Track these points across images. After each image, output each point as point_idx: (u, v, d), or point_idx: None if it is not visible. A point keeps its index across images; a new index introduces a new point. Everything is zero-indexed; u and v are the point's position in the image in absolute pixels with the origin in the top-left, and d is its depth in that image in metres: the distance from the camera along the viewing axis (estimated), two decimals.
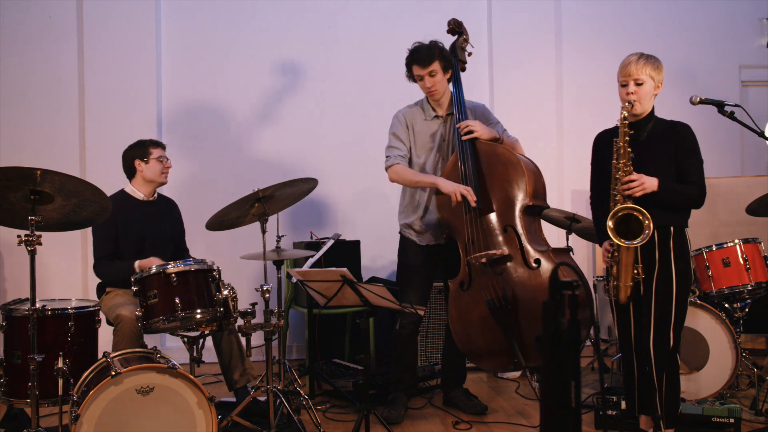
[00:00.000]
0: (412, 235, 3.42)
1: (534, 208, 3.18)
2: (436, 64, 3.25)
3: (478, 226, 3.14)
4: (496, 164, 3.19)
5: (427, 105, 3.40)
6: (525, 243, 3.08)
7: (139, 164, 3.44)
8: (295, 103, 5.02)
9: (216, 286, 2.95)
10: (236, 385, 3.35)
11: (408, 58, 3.31)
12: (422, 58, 3.24)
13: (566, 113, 5.19)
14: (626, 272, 2.62)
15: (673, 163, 2.67)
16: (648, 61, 2.66)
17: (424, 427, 3.26)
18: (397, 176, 3.33)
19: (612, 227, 2.55)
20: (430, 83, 3.28)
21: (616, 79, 2.73)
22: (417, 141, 3.38)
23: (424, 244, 3.41)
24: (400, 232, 3.51)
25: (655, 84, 2.68)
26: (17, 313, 2.87)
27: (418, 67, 3.27)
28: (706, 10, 5.37)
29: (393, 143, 3.38)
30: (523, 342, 3.03)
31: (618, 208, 2.57)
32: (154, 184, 3.50)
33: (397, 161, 3.32)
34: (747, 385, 3.65)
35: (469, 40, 3.45)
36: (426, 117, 3.38)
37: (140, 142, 3.51)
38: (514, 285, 3.07)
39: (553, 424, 1.41)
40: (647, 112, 2.71)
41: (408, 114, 3.40)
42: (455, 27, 3.44)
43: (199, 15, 4.94)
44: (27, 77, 4.66)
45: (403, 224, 3.47)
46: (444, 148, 3.38)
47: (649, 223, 2.49)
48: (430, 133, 3.38)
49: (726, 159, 5.21)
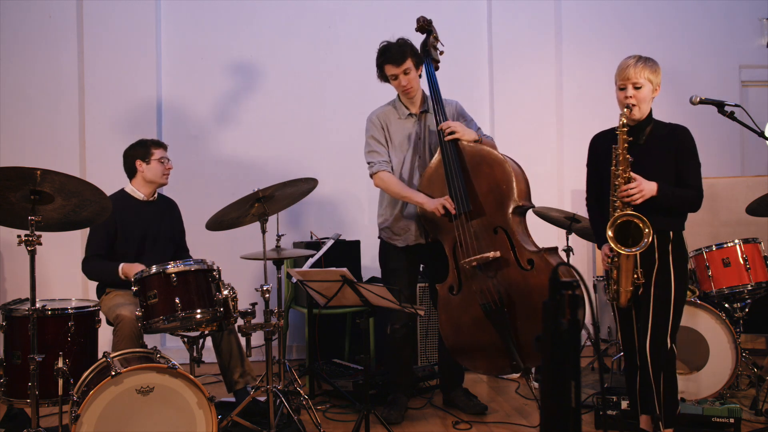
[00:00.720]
0: (391, 238, 3.40)
1: (522, 208, 3.17)
2: (409, 62, 3.23)
3: (467, 229, 3.12)
4: (481, 165, 3.17)
5: (399, 104, 3.38)
6: (517, 244, 3.06)
7: (140, 165, 3.44)
8: (295, 103, 5.02)
9: (216, 286, 2.94)
10: (236, 387, 3.34)
11: (379, 58, 3.27)
12: (395, 56, 3.21)
13: (566, 113, 5.19)
14: (626, 277, 2.63)
15: (672, 167, 2.67)
16: (646, 65, 2.66)
17: (424, 427, 3.26)
18: (384, 185, 3.30)
19: (612, 236, 2.55)
20: (405, 81, 3.25)
21: (614, 82, 2.73)
22: (393, 141, 3.35)
23: (404, 245, 3.38)
24: (379, 237, 3.49)
25: (653, 87, 2.68)
26: (17, 313, 2.87)
27: (391, 66, 3.24)
28: (706, 10, 5.37)
29: (374, 147, 3.33)
30: (521, 343, 3.03)
31: (617, 216, 2.57)
32: (154, 185, 3.50)
33: (383, 168, 3.29)
34: (747, 385, 3.65)
35: (439, 39, 3.40)
36: (400, 116, 3.36)
37: (142, 141, 3.50)
38: (509, 287, 3.05)
39: (553, 424, 1.41)
40: (645, 116, 2.70)
41: (381, 115, 3.38)
42: (425, 25, 3.37)
43: (199, 15, 4.94)
44: (27, 77, 4.65)
45: (383, 228, 3.44)
46: (420, 146, 3.36)
47: (649, 231, 2.49)
48: (405, 132, 3.36)
49: (726, 159, 5.20)
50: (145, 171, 3.44)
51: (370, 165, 3.33)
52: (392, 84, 3.32)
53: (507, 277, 3.06)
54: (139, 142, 3.51)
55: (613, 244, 2.54)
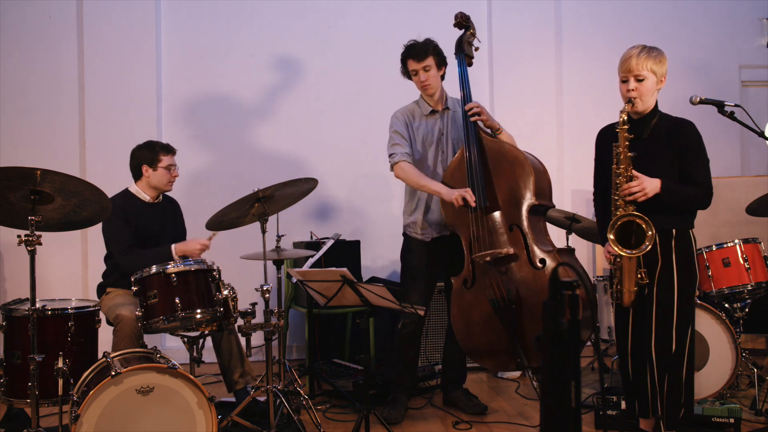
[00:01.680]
0: (416, 233, 3.43)
1: (539, 207, 3.18)
2: (431, 60, 3.34)
3: (483, 224, 3.15)
4: (502, 162, 3.20)
5: (422, 102, 3.46)
6: (530, 243, 3.08)
7: (147, 170, 3.42)
8: (296, 103, 5.02)
9: (216, 286, 2.95)
10: (236, 387, 3.34)
11: (404, 53, 3.39)
12: (417, 52, 3.33)
13: (566, 113, 5.19)
14: (629, 278, 2.58)
15: (676, 163, 2.59)
16: (650, 55, 2.56)
17: (424, 427, 3.26)
18: (404, 174, 3.33)
19: (613, 238, 2.49)
20: (425, 77, 3.34)
21: (617, 74, 2.64)
22: (417, 137, 3.42)
23: (429, 239, 3.41)
24: (403, 233, 3.51)
25: (658, 79, 2.58)
26: (17, 313, 2.87)
27: (413, 62, 3.35)
28: (707, 9, 5.37)
29: (396, 140, 3.40)
30: (527, 342, 3.03)
31: (618, 217, 2.51)
32: (159, 190, 3.49)
33: (403, 158, 3.33)
34: (747, 385, 3.65)
35: (476, 35, 3.47)
36: (424, 113, 3.43)
37: (151, 145, 3.45)
38: (519, 285, 3.07)
39: (553, 424, 1.41)
40: (650, 109, 2.62)
41: (406, 111, 3.46)
42: (462, 21, 3.44)
43: (199, 15, 4.94)
44: (27, 77, 4.66)
45: (407, 224, 3.48)
46: (443, 142, 3.42)
47: (652, 234, 2.43)
48: (429, 128, 3.42)
49: (726, 159, 5.20)
50: (151, 177, 3.43)
51: (392, 156, 3.37)
52: (413, 79, 3.41)
53: (518, 274, 3.08)
54: (148, 144, 3.46)
55: (615, 247, 2.49)
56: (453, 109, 3.46)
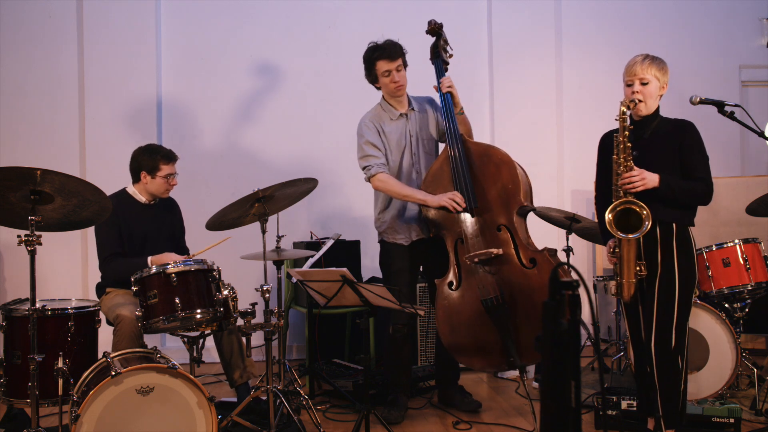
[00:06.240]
0: (394, 237, 3.40)
1: (526, 209, 3.20)
2: (401, 60, 3.31)
3: (470, 225, 3.15)
4: (489, 163, 3.20)
5: (387, 106, 3.41)
6: (519, 243, 3.10)
7: (145, 177, 3.39)
8: (296, 103, 5.02)
9: (216, 286, 2.95)
10: (237, 382, 3.35)
11: (374, 54, 3.29)
12: (390, 52, 3.27)
13: (566, 113, 5.19)
14: (628, 268, 2.62)
15: (677, 160, 2.67)
16: (653, 62, 2.68)
17: (424, 427, 3.26)
18: (384, 185, 3.30)
19: (611, 219, 2.56)
20: (398, 77, 3.29)
21: (622, 80, 2.75)
22: (389, 143, 3.37)
23: (408, 242, 3.39)
24: (380, 240, 3.48)
25: (660, 84, 2.70)
26: (17, 313, 2.87)
27: (386, 62, 3.27)
28: (707, 9, 5.37)
29: (369, 152, 3.33)
30: (519, 341, 3.05)
31: (618, 202, 2.58)
32: (155, 197, 3.48)
33: (380, 170, 3.29)
34: (747, 385, 3.65)
35: (449, 42, 3.46)
36: (392, 117, 3.39)
37: (152, 151, 3.40)
38: (510, 284, 3.08)
39: (553, 424, 1.41)
40: (652, 111, 2.72)
41: (374, 118, 3.39)
42: (435, 28, 3.43)
43: (199, 15, 4.94)
44: (27, 77, 4.65)
45: (383, 231, 3.44)
46: (413, 144, 3.39)
47: (647, 214, 2.51)
48: (399, 132, 3.39)
49: (726, 159, 5.20)
50: (149, 184, 3.41)
51: (367, 168, 3.32)
52: (382, 82, 3.33)
53: (508, 274, 3.09)
54: (150, 150, 3.42)
55: (611, 229, 2.56)
56: (418, 108, 3.42)
